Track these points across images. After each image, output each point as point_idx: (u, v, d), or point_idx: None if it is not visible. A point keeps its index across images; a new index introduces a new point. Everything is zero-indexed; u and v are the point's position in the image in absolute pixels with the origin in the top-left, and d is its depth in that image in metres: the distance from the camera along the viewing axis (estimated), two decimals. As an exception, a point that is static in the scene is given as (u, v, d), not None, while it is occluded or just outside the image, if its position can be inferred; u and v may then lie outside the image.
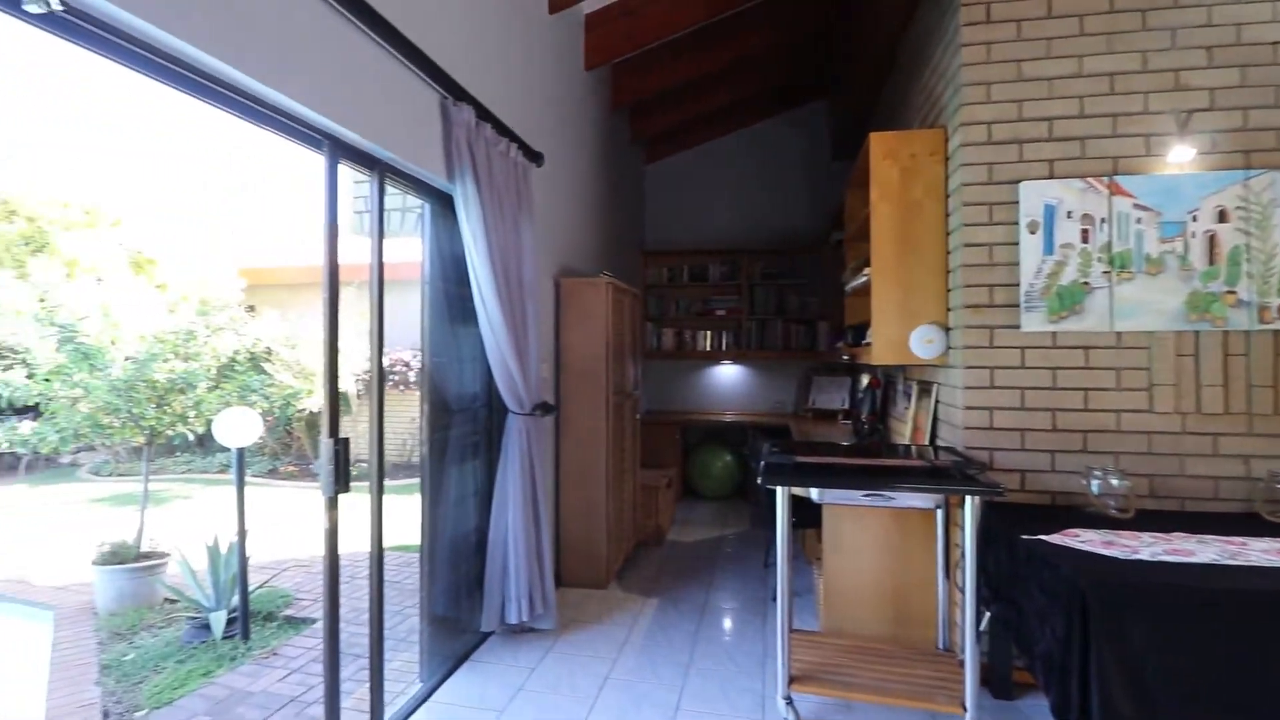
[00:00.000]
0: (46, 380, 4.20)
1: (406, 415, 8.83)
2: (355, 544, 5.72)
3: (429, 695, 2.57)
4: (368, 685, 2.29)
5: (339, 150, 2.03)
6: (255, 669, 3.46)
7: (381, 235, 2.25)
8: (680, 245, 6.35)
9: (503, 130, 2.84)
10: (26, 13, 1.24)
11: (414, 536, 2.82)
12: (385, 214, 2.47)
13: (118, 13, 1.30)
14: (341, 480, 1.99)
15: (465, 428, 2.99)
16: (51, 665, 3.59)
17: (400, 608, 4.23)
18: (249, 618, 3.78)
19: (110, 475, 8.61)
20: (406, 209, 8.86)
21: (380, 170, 2.26)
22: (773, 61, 5.23)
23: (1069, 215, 2.57)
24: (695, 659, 2.92)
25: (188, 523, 6.15)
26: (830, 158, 6.00)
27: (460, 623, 2.92)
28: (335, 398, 2.02)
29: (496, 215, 2.68)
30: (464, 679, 2.73)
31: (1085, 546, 2.00)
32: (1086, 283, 2.55)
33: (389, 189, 2.35)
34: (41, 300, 4.35)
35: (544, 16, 3.64)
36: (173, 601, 4.27)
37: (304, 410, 7.82)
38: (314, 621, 4.02)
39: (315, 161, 2.00)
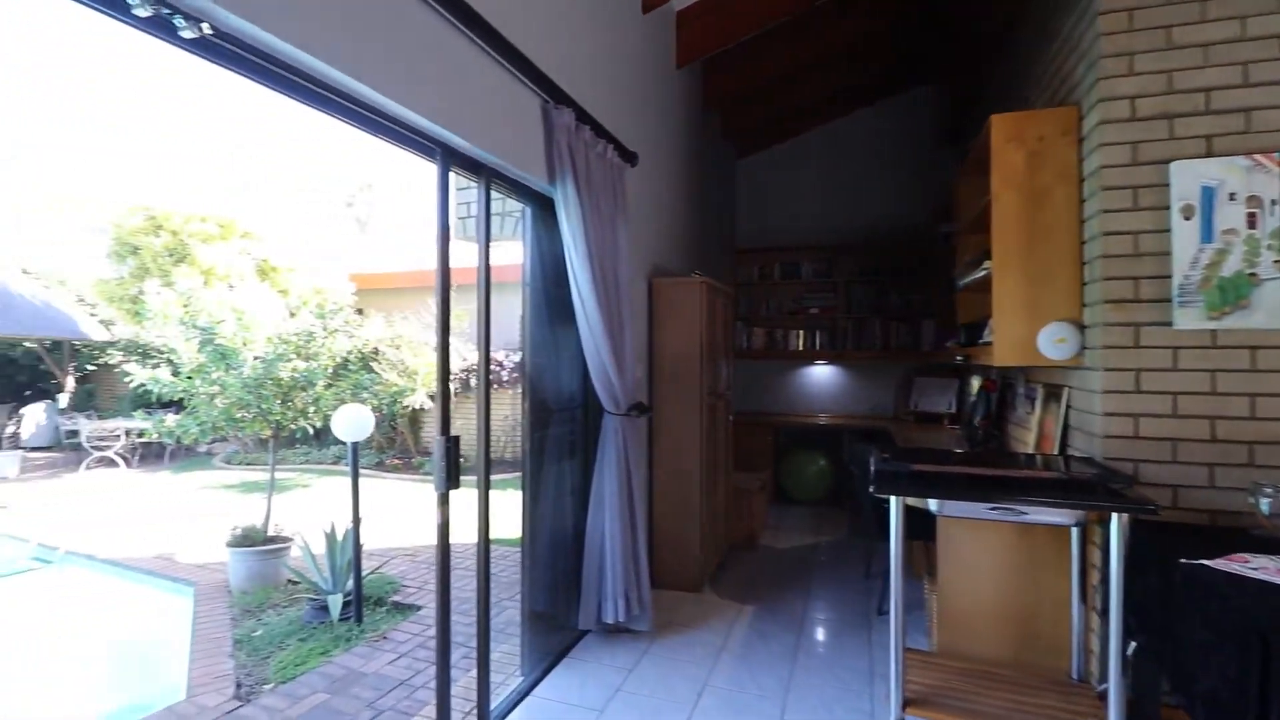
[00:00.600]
0: (189, 378, 4.65)
1: (499, 413, 9.15)
2: (455, 536, 5.94)
3: (530, 690, 2.62)
4: (471, 674, 2.35)
5: (450, 157, 2.09)
6: (368, 651, 3.67)
7: (488, 239, 2.31)
8: (772, 242, 6.19)
9: (600, 132, 2.85)
10: (180, 38, 1.34)
11: (507, 531, 2.89)
12: (466, 220, 2.56)
13: (259, 33, 1.38)
14: (453, 477, 2.05)
15: (563, 427, 3.03)
16: (192, 637, 3.97)
17: (496, 599, 4.37)
18: (362, 602, 4.02)
19: (239, 464, 9.47)
20: (505, 213, 9.18)
21: (486, 175, 2.32)
22: (871, 48, 4.99)
23: (1231, 198, 2.26)
24: (796, 672, 2.81)
25: (306, 510, 6.65)
26: (933, 145, 5.66)
27: (557, 619, 2.96)
28: (446, 396, 2.09)
29: (595, 216, 2.69)
30: (563, 676, 2.76)
31: (1260, 575, 1.75)
32: (1254, 274, 2.23)
33: (491, 194, 2.41)
34: (185, 305, 4.81)
35: (636, 15, 3.63)
36: (294, 583, 4.61)
37: (407, 407, 8.29)
38: (419, 608, 4.22)
39: (409, 175, 2.08)
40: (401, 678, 3.37)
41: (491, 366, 9.17)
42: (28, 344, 10.89)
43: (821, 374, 6.15)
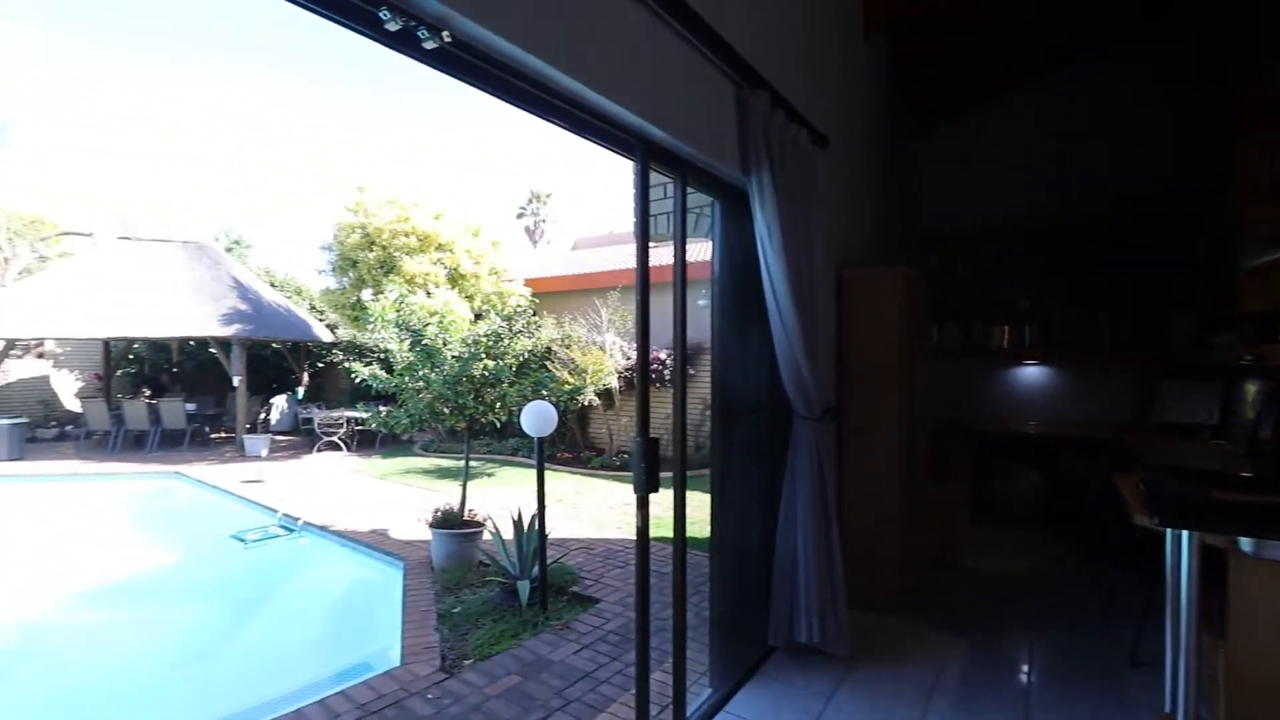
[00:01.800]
0: (401, 375, 5.19)
1: (662, 412, 9.25)
2: (617, 531, 6.00)
3: (723, 704, 2.51)
4: (656, 675, 2.28)
5: (648, 152, 2.04)
6: (553, 639, 3.81)
7: (684, 236, 2.23)
8: (969, 225, 5.51)
9: (794, 115, 2.66)
10: (423, 49, 1.39)
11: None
12: (656, 216, 2.49)
13: (489, 37, 1.40)
14: (652, 479, 1.98)
15: (749, 430, 2.88)
16: (403, 609, 4.40)
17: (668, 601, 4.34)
18: (547, 590, 4.20)
19: (435, 452, 10.54)
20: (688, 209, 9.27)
21: (682, 169, 2.24)
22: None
23: None
24: (1034, 728, 2.40)
25: (491, 497, 7.19)
26: (1182, 97, 4.66)
27: (745, 631, 2.82)
28: (646, 395, 2.04)
29: (789, 206, 2.50)
30: (755, 694, 2.62)
31: None
32: None
33: (655, 184, 2.33)
34: (397, 310, 5.38)
35: (825, -18, 3.37)
36: (485, 565, 4.96)
37: (577, 404, 8.66)
38: (597, 602, 4.31)
39: (573, 184, 2.03)
40: (586, 669, 3.44)
41: (653, 366, 9.28)
42: (274, 345, 13.07)
43: (1030, 376, 5.37)
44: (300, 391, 13.33)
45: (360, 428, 10.88)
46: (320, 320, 13.34)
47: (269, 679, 4.10)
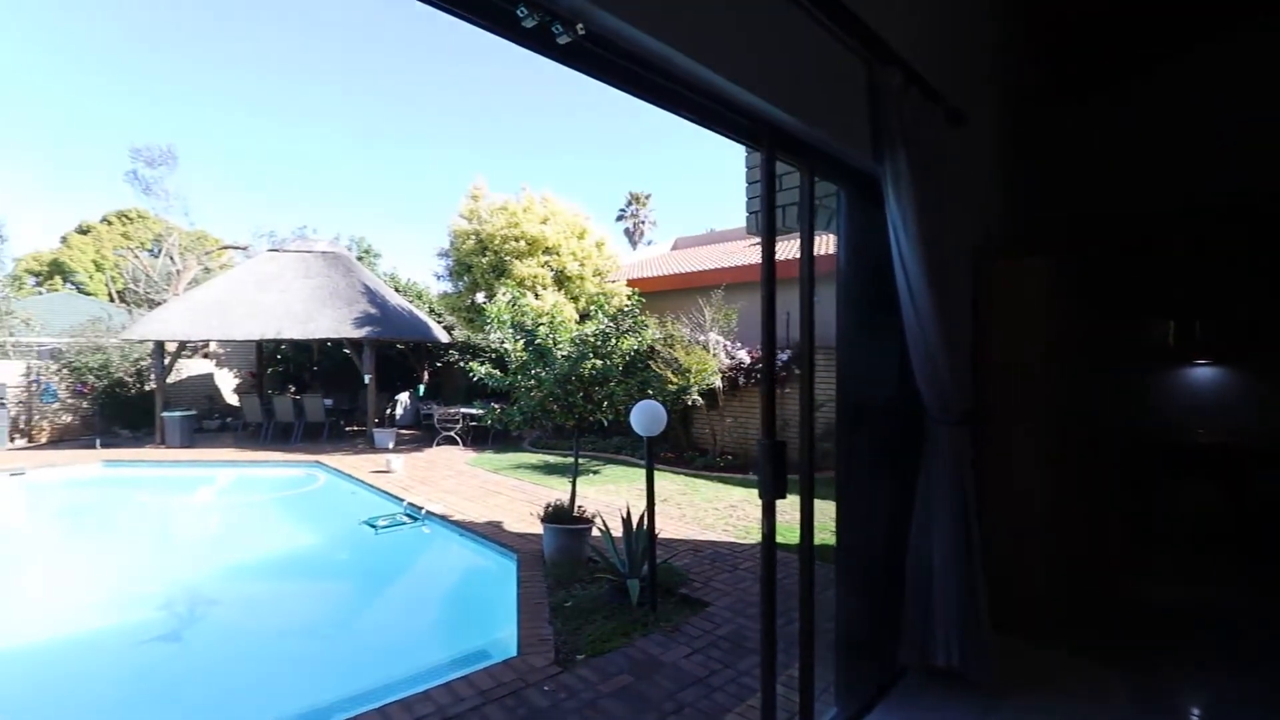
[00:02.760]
0: (515, 374, 5.38)
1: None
2: (724, 533, 5.87)
3: (850, 726, 2.35)
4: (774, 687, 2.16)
5: (774, 139, 1.94)
6: (664, 640, 3.78)
7: (811, 227, 2.11)
8: (1126, 208, 4.88)
9: (927, 92, 2.45)
10: (557, 45, 1.38)
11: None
12: (780, 209, 2.36)
13: (619, 25, 1.36)
14: (779, 483, 1.88)
15: (878, 434, 2.70)
16: (517, 600, 4.54)
17: (782, 608, 4.18)
18: (656, 590, 4.19)
19: (542, 448, 10.91)
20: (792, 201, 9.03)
21: (809, 156, 2.12)
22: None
23: None
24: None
25: (597, 494, 7.31)
26: None
27: (873, 648, 2.64)
28: (772, 396, 1.94)
29: (924, 190, 2.30)
30: None
31: None
32: None
33: (778, 174, 2.20)
34: (511, 312, 5.57)
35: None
36: (594, 562, 5.03)
37: (680, 403, 8.62)
38: (706, 605, 4.23)
39: (675, 185, 1.94)
40: (698, 674, 3.37)
41: (758, 367, 9.04)
42: (399, 345, 14.07)
43: (1202, 378, 4.69)
44: (421, 389, 14.27)
45: (474, 423, 11.46)
46: (438, 322, 14.22)
47: (397, 656, 4.38)
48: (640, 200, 42.83)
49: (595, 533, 5.14)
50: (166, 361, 11.90)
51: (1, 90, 30.42)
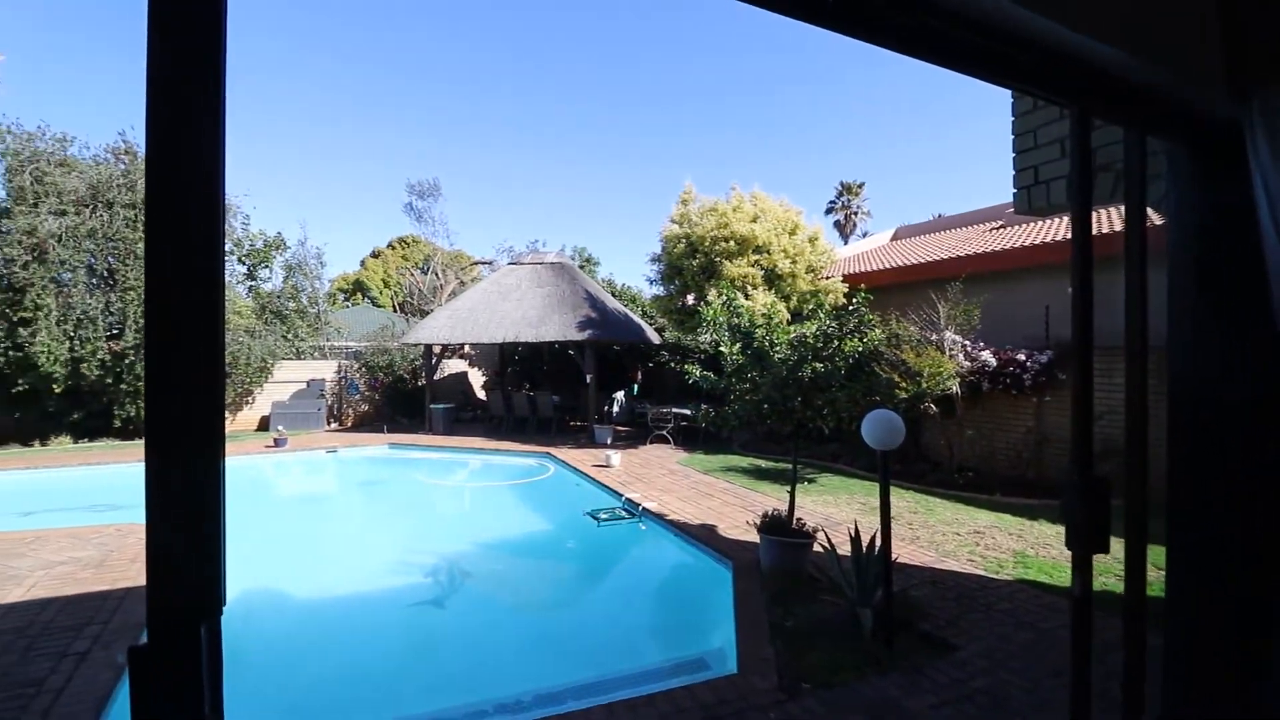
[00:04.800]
0: (730, 376, 5.25)
1: (1020, 425, 7.71)
2: (969, 563, 5.06)
3: None
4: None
5: (1094, 86, 1.49)
6: (904, 683, 3.33)
7: (1143, 190, 1.60)
8: None
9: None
10: (824, 6, 1.17)
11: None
12: (1049, 183, 1.82)
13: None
14: (1099, 533, 1.44)
15: (1233, 453, 2.01)
16: (734, 613, 4.38)
17: (1056, 665, 3.43)
18: (892, 622, 3.73)
19: (753, 451, 10.69)
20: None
21: (1140, 107, 1.61)
22: None
23: None
24: None
25: (814, 505, 6.87)
26: None
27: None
28: (1088, 413, 1.50)
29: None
30: None
31: None
32: None
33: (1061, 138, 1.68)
34: (726, 314, 5.45)
35: None
36: (815, 580, 4.68)
37: (915, 411, 7.77)
38: (955, 649, 3.66)
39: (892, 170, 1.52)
40: (952, 733, 2.90)
41: (1011, 369, 7.80)
42: (615, 347, 14.91)
43: None
44: (635, 388, 14.97)
45: (685, 423, 11.65)
46: (650, 324, 14.79)
47: (616, 650, 4.51)
48: (852, 190, 40.30)
49: (817, 548, 4.79)
50: (434, 362, 14.14)
51: (321, 141, 39.25)
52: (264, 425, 13.91)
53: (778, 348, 5.02)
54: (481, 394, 16.98)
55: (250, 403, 14.18)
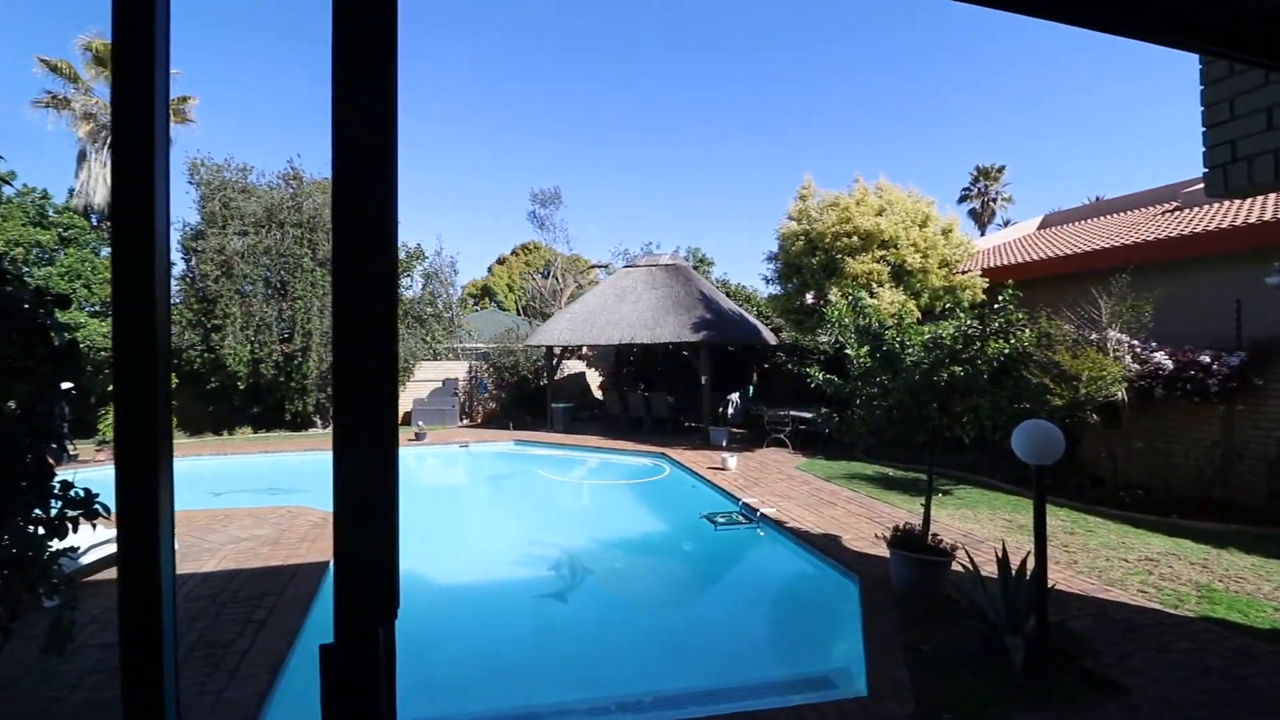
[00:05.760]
0: (857, 380, 4.98)
1: (1204, 436, 6.65)
2: (1139, 594, 4.45)
3: None
4: None
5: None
6: (1063, 727, 2.98)
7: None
8: None
9: None
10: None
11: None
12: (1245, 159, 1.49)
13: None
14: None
15: None
16: (862, 631, 4.12)
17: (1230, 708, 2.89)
18: (1047, 655, 3.35)
19: (878, 458, 10.11)
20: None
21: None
22: None
23: None
24: None
25: (950, 520, 6.35)
26: None
27: None
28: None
29: None
30: None
31: None
32: None
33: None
34: (852, 314, 5.16)
35: None
36: (953, 602, 4.32)
37: (1074, 419, 6.99)
38: (1126, 692, 3.22)
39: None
40: (1125, 790, 2.55)
41: (1189, 370, 6.81)
42: (730, 348, 14.73)
43: None
44: (751, 389, 14.71)
45: (803, 426, 11.26)
46: (766, 324, 14.46)
47: (736, 660, 4.42)
48: (990, 175, 36.94)
49: (956, 568, 4.42)
50: (554, 362, 14.76)
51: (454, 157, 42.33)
52: (406, 420, 15.21)
53: (910, 350, 4.69)
54: (598, 394, 17.47)
55: (395, 400, 15.60)
